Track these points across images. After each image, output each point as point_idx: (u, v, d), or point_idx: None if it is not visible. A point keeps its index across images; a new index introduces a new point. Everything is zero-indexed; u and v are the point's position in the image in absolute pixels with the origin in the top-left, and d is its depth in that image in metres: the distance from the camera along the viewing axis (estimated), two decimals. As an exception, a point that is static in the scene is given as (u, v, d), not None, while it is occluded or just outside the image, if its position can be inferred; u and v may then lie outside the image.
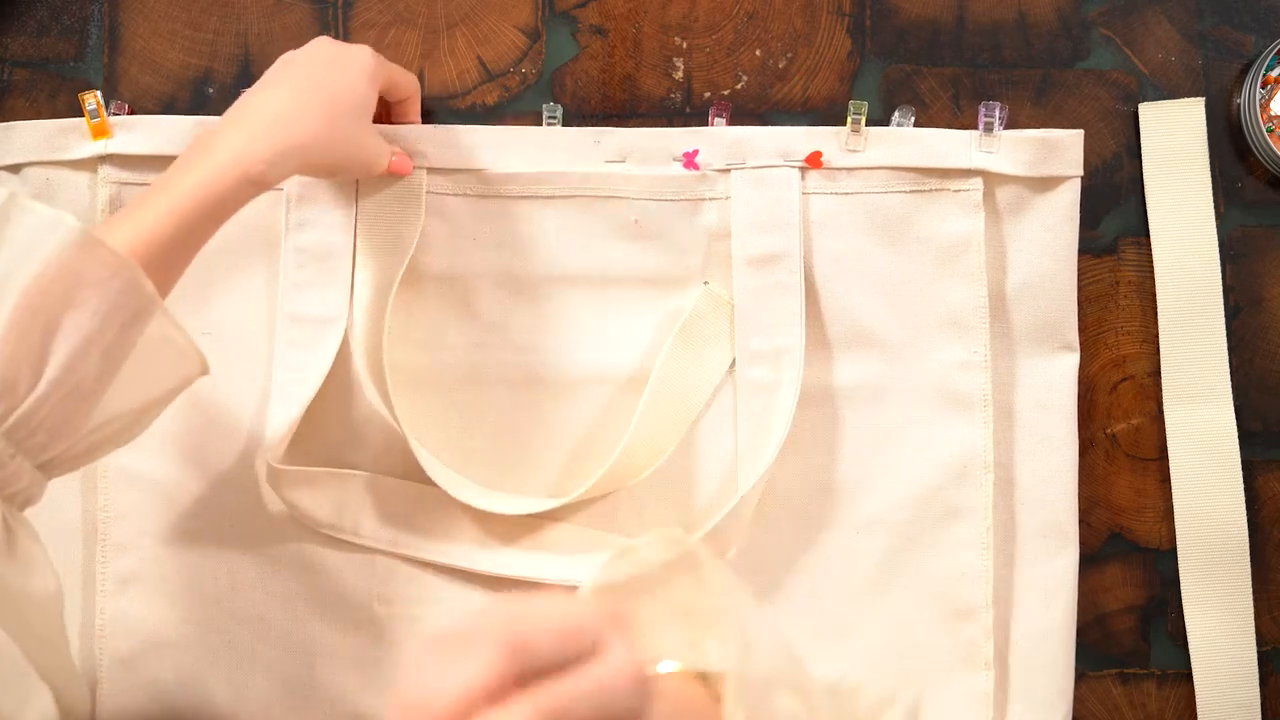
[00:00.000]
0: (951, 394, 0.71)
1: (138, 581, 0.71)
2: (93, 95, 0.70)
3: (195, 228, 0.57)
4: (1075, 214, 0.71)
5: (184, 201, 0.56)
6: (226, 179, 0.57)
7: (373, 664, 0.70)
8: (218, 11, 0.74)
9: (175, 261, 0.57)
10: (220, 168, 0.57)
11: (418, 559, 0.71)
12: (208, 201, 0.56)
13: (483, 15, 0.74)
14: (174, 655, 0.71)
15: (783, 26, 0.74)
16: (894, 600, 0.71)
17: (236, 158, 0.57)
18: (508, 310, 0.72)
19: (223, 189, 0.57)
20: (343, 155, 0.63)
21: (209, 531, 0.71)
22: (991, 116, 0.71)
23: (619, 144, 0.71)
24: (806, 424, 0.71)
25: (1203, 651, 0.74)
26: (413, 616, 0.70)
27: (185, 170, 0.57)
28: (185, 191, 0.56)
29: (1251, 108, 0.72)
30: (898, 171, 0.71)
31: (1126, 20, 0.74)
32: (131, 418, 0.56)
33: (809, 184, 0.71)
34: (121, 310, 0.52)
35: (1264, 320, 0.74)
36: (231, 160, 0.57)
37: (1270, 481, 0.75)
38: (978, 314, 0.71)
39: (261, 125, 0.59)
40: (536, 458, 0.72)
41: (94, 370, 0.52)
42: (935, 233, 0.71)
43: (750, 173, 0.71)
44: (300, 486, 0.69)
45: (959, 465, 0.71)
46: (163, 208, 0.56)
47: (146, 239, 0.55)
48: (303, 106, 0.60)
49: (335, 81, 0.62)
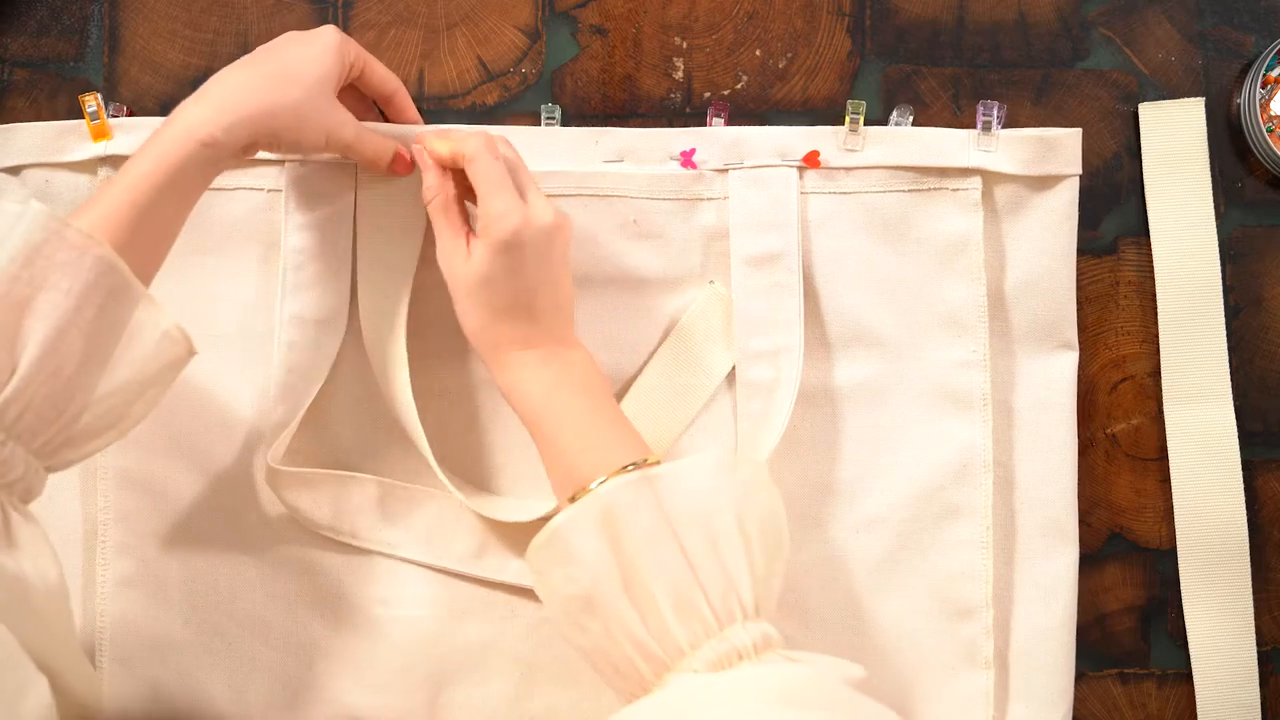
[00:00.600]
0: (951, 393, 0.71)
1: (138, 584, 0.71)
2: (93, 97, 0.70)
3: (159, 201, 0.58)
4: (1074, 212, 0.71)
5: (144, 177, 0.57)
6: (182, 149, 0.58)
7: (373, 665, 0.70)
8: (218, 11, 0.74)
9: (149, 240, 0.58)
10: (175, 138, 0.58)
11: (417, 562, 0.71)
12: (168, 173, 0.58)
13: (483, 15, 0.74)
14: (174, 657, 0.71)
15: (783, 26, 0.74)
16: (894, 600, 0.71)
17: (190, 127, 0.59)
18: None
19: (180, 158, 0.58)
20: (300, 124, 0.62)
21: (209, 534, 0.71)
22: (989, 115, 0.71)
23: (617, 144, 0.71)
24: (806, 424, 0.71)
25: (1203, 651, 0.74)
26: (413, 618, 0.70)
27: (145, 148, 0.59)
28: (145, 167, 0.58)
29: (1251, 108, 0.72)
30: (896, 171, 0.71)
31: (1126, 20, 0.74)
32: (122, 402, 0.57)
33: (807, 184, 0.71)
34: (97, 289, 0.54)
35: (1264, 320, 0.74)
36: (185, 130, 0.59)
37: (1270, 481, 0.75)
38: (976, 313, 0.71)
39: (216, 95, 0.60)
40: (532, 459, 0.72)
41: (76, 352, 0.53)
42: (934, 232, 0.71)
43: (748, 172, 0.71)
44: (299, 488, 0.69)
45: (958, 464, 0.71)
46: (125, 185, 0.57)
47: (114, 217, 0.56)
48: (259, 76, 0.61)
49: (295, 54, 0.63)
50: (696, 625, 0.53)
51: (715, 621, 0.53)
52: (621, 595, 0.54)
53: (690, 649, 0.53)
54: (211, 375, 0.71)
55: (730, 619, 0.53)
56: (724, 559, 0.54)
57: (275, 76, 0.62)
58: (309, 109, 0.62)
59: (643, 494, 0.55)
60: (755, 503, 0.56)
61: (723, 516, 0.55)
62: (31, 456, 0.54)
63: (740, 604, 0.54)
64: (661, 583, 0.53)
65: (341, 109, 0.64)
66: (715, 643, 0.53)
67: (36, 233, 0.53)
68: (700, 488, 0.56)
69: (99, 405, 0.55)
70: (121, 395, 0.56)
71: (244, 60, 0.63)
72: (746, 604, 0.54)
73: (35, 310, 0.52)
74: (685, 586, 0.53)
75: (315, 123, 0.63)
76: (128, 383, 0.56)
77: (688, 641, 0.53)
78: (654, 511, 0.55)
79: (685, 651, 0.53)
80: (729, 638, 0.53)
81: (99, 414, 0.56)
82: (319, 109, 0.63)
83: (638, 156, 0.71)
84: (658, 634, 0.53)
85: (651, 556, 0.54)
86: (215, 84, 0.61)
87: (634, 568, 0.54)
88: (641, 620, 0.53)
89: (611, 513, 0.55)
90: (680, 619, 0.53)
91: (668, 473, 0.56)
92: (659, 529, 0.54)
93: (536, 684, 0.70)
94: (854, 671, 0.52)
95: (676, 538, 0.54)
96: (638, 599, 0.54)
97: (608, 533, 0.55)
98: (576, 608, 0.56)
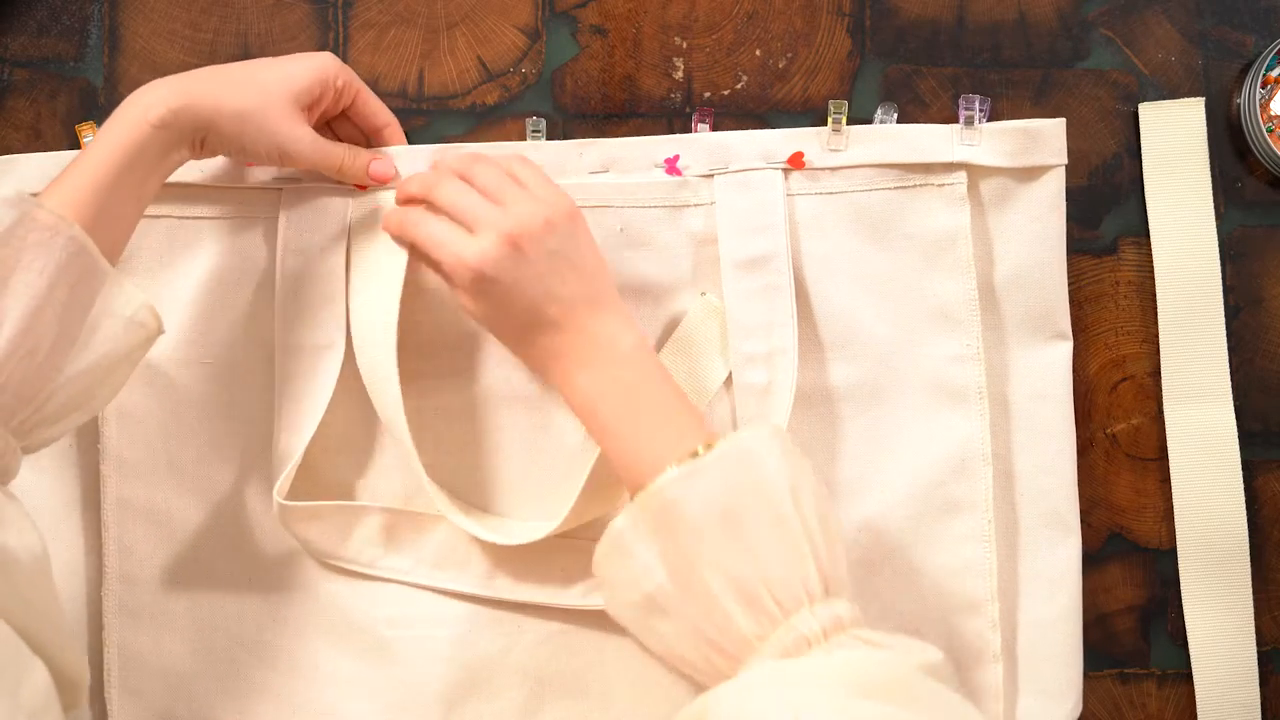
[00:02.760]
0: (946, 388, 0.71)
1: (144, 614, 0.71)
2: (89, 128, 0.71)
3: (119, 183, 0.59)
4: (1061, 203, 0.71)
5: (104, 160, 0.59)
6: (137, 130, 0.60)
7: (383, 686, 0.70)
8: (218, 11, 0.74)
9: (111, 221, 0.59)
10: (132, 120, 0.60)
11: (429, 587, 0.70)
12: (125, 154, 0.59)
13: (483, 15, 0.74)
14: (183, 686, 0.71)
15: (783, 26, 0.74)
16: (899, 597, 0.71)
17: (145, 107, 0.60)
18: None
19: (136, 140, 0.59)
20: (247, 129, 0.63)
21: (214, 561, 0.71)
22: (971, 109, 0.71)
23: (601, 155, 0.71)
24: (803, 425, 0.71)
25: (1203, 651, 0.74)
26: (421, 638, 0.70)
27: (105, 129, 0.60)
28: (104, 150, 0.59)
29: (1251, 108, 0.72)
30: (881, 169, 0.71)
31: (1126, 20, 0.74)
32: (93, 381, 0.58)
33: (793, 185, 0.71)
34: (69, 269, 0.55)
35: (1264, 320, 0.74)
36: (141, 111, 0.60)
37: (1270, 481, 0.75)
38: (968, 307, 0.71)
39: (177, 81, 0.62)
40: (526, 477, 0.72)
41: (50, 331, 0.54)
42: (921, 228, 0.71)
43: (733, 176, 0.71)
44: (308, 521, 0.69)
45: (957, 459, 0.71)
46: (87, 167, 0.58)
47: (77, 200, 0.57)
48: (226, 75, 0.63)
49: (275, 66, 0.64)
50: (762, 617, 0.52)
51: (779, 611, 0.52)
52: (684, 594, 0.53)
53: (758, 641, 0.52)
54: (211, 402, 0.71)
55: (797, 605, 0.52)
56: (785, 543, 0.53)
57: (240, 79, 0.63)
58: (260, 117, 0.63)
59: (693, 487, 0.54)
60: (805, 477, 0.55)
61: (779, 498, 0.54)
62: (10, 435, 0.54)
63: (806, 588, 0.53)
64: (721, 578, 0.53)
65: (302, 125, 0.65)
66: (783, 632, 0.52)
67: (8, 213, 0.54)
68: (751, 475, 0.55)
69: (71, 384, 0.56)
70: (92, 374, 0.57)
71: (233, 63, 0.65)
72: (813, 587, 0.53)
73: (10, 290, 0.54)
74: (746, 579, 0.52)
75: (266, 131, 0.63)
76: (98, 361, 0.57)
77: (755, 634, 0.52)
78: (707, 505, 0.54)
79: (754, 645, 0.52)
80: (796, 626, 0.52)
81: (72, 393, 0.57)
82: (272, 119, 0.63)
83: (622, 166, 0.71)
84: (724, 630, 0.52)
85: (709, 552, 0.53)
86: (186, 73, 0.63)
87: (692, 566, 0.53)
88: (708, 617, 0.53)
89: (665, 512, 0.54)
90: (746, 612, 0.52)
91: (717, 461, 0.55)
92: (713, 523, 0.53)
93: (546, 698, 0.70)
94: (932, 656, 0.51)
95: (733, 529, 0.53)
96: (699, 597, 0.53)
97: (663, 533, 0.54)
98: (643, 612, 0.55)
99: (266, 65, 0.65)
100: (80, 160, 0.59)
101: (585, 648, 0.71)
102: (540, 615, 0.70)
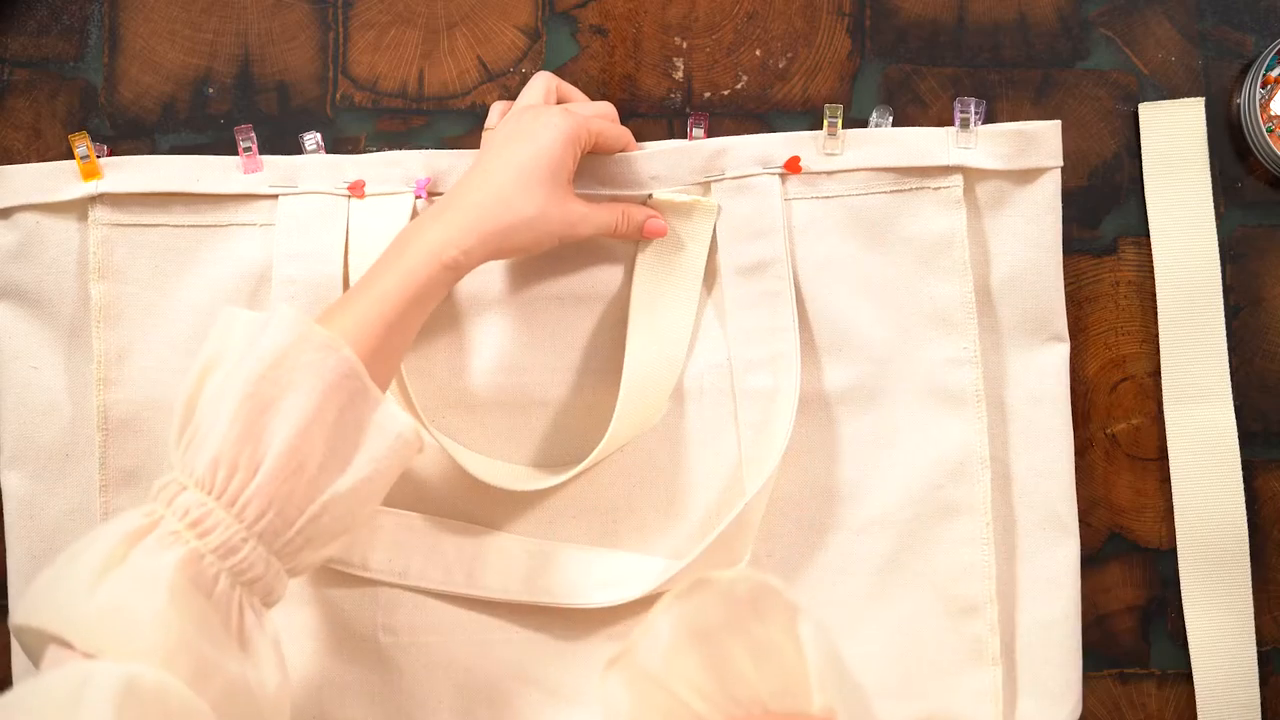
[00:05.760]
0: (944, 391, 0.71)
1: None
2: (82, 138, 0.71)
3: (404, 315, 0.59)
4: (1057, 205, 0.71)
5: (393, 294, 0.59)
6: (427, 270, 0.60)
7: (380, 694, 0.70)
8: (218, 11, 0.74)
9: (392, 350, 0.59)
10: (421, 259, 0.60)
11: (428, 591, 0.70)
12: (416, 292, 0.60)
13: (483, 15, 0.74)
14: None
15: (783, 26, 0.74)
16: (898, 601, 0.71)
17: (433, 250, 0.60)
18: (500, 331, 0.71)
19: (426, 279, 0.60)
20: (536, 235, 0.63)
21: None
22: (967, 112, 0.71)
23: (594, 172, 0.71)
24: (802, 429, 0.71)
25: (1203, 651, 0.74)
26: (419, 645, 0.70)
27: (387, 266, 0.60)
28: (393, 284, 0.59)
29: (1251, 108, 0.72)
30: (877, 172, 0.71)
31: (1126, 20, 0.74)
32: (356, 502, 0.57)
33: (790, 190, 0.71)
34: (339, 391, 0.55)
35: (1264, 320, 0.74)
36: (429, 253, 0.60)
37: (1270, 481, 0.75)
38: (965, 310, 0.71)
39: (459, 216, 0.61)
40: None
41: (318, 451, 0.54)
42: (918, 231, 0.71)
43: (730, 183, 0.71)
44: None
45: (955, 462, 0.71)
46: (374, 299, 0.59)
47: (364, 330, 0.58)
48: (494, 192, 0.62)
49: (527, 154, 0.63)
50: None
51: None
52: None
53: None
54: None
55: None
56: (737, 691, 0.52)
57: (510, 191, 0.62)
58: (542, 222, 0.63)
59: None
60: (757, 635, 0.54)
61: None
62: (273, 557, 0.54)
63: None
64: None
65: (572, 201, 0.65)
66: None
67: (285, 334, 0.54)
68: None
69: (336, 506, 0.55)
70: (355, 495, 0.56)
71: (477, 165, 0.64)
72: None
73: (280, 409, 0.53)
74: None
75: (550, 232, 0.64)
76: (363, 482, 0.56)
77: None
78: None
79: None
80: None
81: (336, 515, 0.56)
82: (552, 219, 0.64)
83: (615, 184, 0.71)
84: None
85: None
86: (454, 204, 0.62)
87: None
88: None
89: None
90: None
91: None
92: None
93: (551, 704, 0.70)
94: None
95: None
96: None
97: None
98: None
99: (517, 159, 0.63)
100: (365, 290, 0.59)
101: (587, 653, 0.71)
102: (543, 619, 0.70)
